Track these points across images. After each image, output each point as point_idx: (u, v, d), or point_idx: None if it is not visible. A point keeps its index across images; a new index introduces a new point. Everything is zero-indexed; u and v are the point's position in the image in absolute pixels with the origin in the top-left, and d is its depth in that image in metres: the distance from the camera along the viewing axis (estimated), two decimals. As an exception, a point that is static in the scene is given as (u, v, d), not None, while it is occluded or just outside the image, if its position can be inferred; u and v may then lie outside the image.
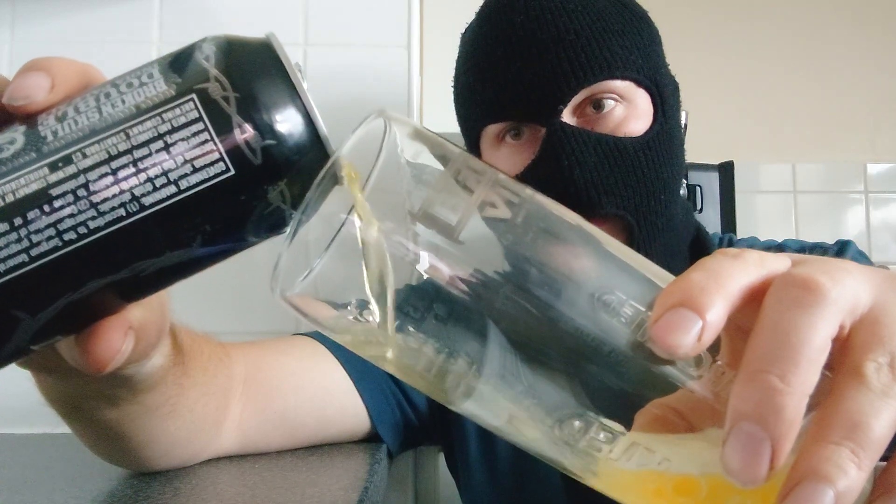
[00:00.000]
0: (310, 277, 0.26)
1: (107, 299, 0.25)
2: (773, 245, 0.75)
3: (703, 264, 0.24)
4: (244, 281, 0.80)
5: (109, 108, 0.24)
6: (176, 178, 0.24)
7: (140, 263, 0.24)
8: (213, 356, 0.54)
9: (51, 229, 0.23)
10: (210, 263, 0.27)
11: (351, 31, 0.87)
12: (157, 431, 0.48)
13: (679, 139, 0.69)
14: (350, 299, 0.26)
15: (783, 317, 0.22)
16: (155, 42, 0.85)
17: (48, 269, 0.23)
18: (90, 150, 0.24)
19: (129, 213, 0.24)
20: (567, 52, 0.61)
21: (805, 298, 0.22)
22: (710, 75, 1.57)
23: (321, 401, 0.62)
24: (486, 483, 0.71)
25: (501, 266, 0.25)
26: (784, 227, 1.67)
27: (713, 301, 0.23)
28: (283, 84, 0.25)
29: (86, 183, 0.23)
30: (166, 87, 0.24)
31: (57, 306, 0.24)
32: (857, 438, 0.21)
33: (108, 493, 0.49)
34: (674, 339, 0.22)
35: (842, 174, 1.70)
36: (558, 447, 0.25)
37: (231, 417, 0.57)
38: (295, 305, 0.26)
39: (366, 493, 0.48)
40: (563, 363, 0.25)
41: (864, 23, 1.73)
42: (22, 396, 0.42)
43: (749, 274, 0.24)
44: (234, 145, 0.24)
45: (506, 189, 0.26)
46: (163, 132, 0.24)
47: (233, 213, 0.25)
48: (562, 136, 0.61)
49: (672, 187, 0.67)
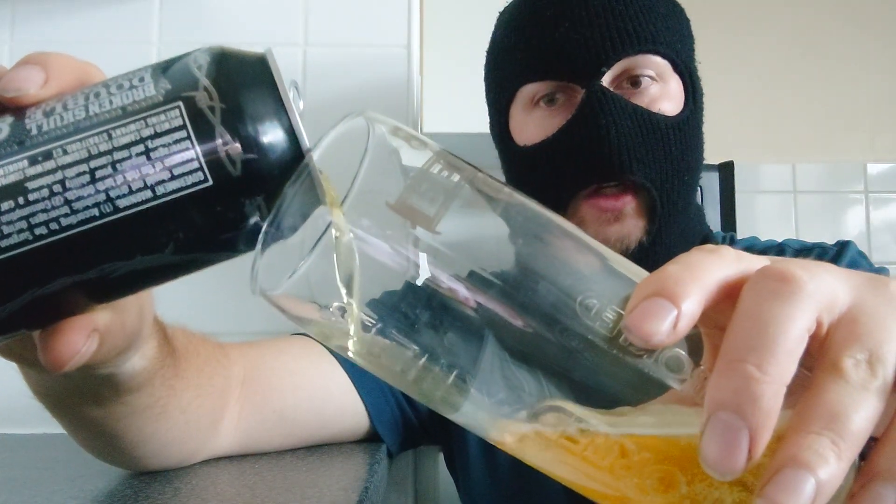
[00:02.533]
0: (296, 276, 0.26)
1: (73, 298, 0.25)
2: (773, 245, 0.76)
3: (679, 258, 0.24)
4: (243, 281, 0.80)
5: (97, 107, 0.24)
6: (153, 184, 0.24)
7: (109, 265, 0.24)
8: (211, 357, 0.54)
9: (22, 222, 0.23)
10: (182, 272, 0.26)
11: (351, 31, 0.87)
12: (147, 432, 0.48)
13: (702, 135, 0.71)
14: (334, 299, 0.26)
15: (760, 307, 0.22)
16: (155, 42, 0.85)
17: (16, 261, 0.23)
18: (71, 147, 0.24)
19: (103, 214, 0.23)
20: (616, 21, 0.64)
21: (782, 290, 0.22)
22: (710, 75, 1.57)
23: (320, 400, 0.62)
24: (486, 483, 0.71)
25: (479, 263, 0.25)
26: (784, 227, 1.67)
27: (688, 290, 0.23)
28: (271, 99, 0.25)
29: (63, 179, 0.23)
30: (155, 93, 0.24)
31: (22, 300, 0.24)
32: (838, 429, 0.21)
33: (108, 493, 0.49)
34: (649, 327, 0.22)
35: (842, 174, 1.70)
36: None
37: (228, 417, 0.57)
38: (278, 303, 0.26)
39: (366, 493, 0.48)
40: (541, 363, 0.25)
41: (864, 23, 1.73)
42: (22, 396, 0.42)
43: (725, 268, 0.24)
44: (214, 156, 0.24)
45: (485, 185, 0.26)
46: (145, 136, 0.24)
47: (207, 224, 0.25)
48: (601, 98, 0.63)
49: (693, 175, 0.69)
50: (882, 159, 1.70)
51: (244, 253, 0.27)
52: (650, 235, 0.65)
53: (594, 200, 0.65)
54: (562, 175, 0.65)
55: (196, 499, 0.47)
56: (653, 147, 0.64)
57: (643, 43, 0.64)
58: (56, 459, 0.61)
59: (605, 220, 0.64)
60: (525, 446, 0.26)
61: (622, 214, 0.64)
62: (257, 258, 0.25)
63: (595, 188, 0.64)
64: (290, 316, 0.27)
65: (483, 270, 0.25)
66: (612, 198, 0.64)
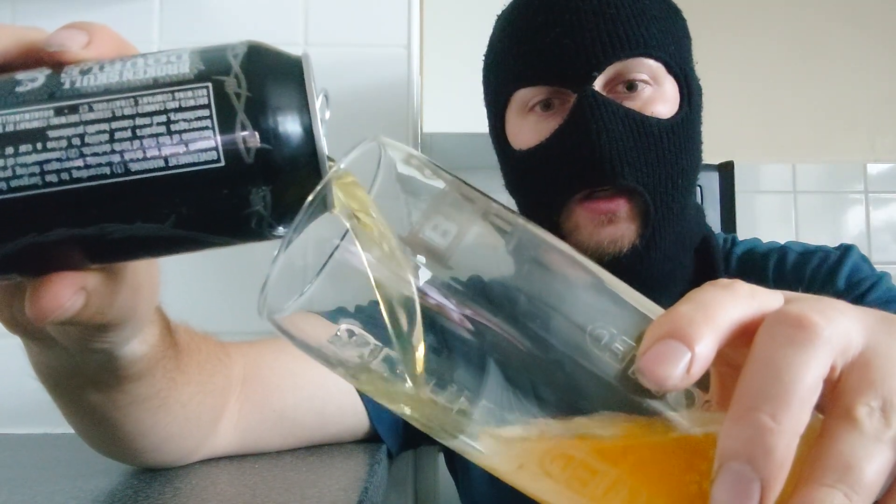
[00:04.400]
0: (302, 300, 0.26)
1: (69, 252, 0.26)
2: (775, 248, 0.75)
3: (692, 296, 0.24)
4: (244, 281, 0.80)
5: (130, 74, 0.25)
6: (167, 154, 0.25)
7: (109, 225, 0.25)
8: (212, 355, 0.54)
9: (36, 167, 0.24)
10: (176, 248, 0.27)
11: (351, 31, 0.87)
12: (147, 424, 0.48)
13: (699, 136, 0.71)
14: (340, 323, 0.26)
15: (775, 354, 0.22)
16: (155, 42, 0.85)
17: (22, 203, 0.24)
18: (97, 105, 0.25)
19: (113, 174, 0.24)
20: (607, 25, 0.64)
21: (798, 336, 0.22)
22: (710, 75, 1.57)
23: (320, 400, 0.62)
24: (486, 483, 0.71)
25: (491, 296, 0.25)
26: (784, 227, 1.67)
27: (702, 333, 0.22)
28: (297, 98, 0.26)
29: (83, 134, 0.24)
30: (188, 71, 0.25)
31: (20, 242, 0.25)
32: (851, 482, 0.21)
33: (109, 493, 0.49)
34: (662, 371, 0.22)
35: (842, 174, 1.69)
36: None
37: (228, 416, 0.57)
38: (283, 328, 0.27)
39: (365, 493, 0.48)
40: (552, 395, 0.25)
41: (864, 23, 1.73)
42: (22, 396, 0.43)
43: (740, 307, 0.23)
44: (231, 139, 0.25)
45: (498, 217, 0.26)
46: (170, 108, 0.25)
47: (211, 204, 0.25)
48: (592, 103, 0.63)
49: (689, 177, 0.68)
50: (882, 159, 1.70)
51: (239, 242, 0.27)
52: (644, 239, 0.65)
53: (588, 204, 0.65)
54: (555, 180, 0.65)
55: (196, 499, 0.47)
56: (645, 151, 0.64)
57: (634, 47, 0.64)
58: (56, 459, 0.61)
59: (598, 222, 0.64)
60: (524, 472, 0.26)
61: (616, 217, 0.64)
62: (271, 273, 0.25)
63: (588, 192, 0.65)
64: (298, 342, 0.27)
65: (492, 302, 0.24)
66: (605, 200, 0.64)
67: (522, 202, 0.72)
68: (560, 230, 0.66)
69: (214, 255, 0.73)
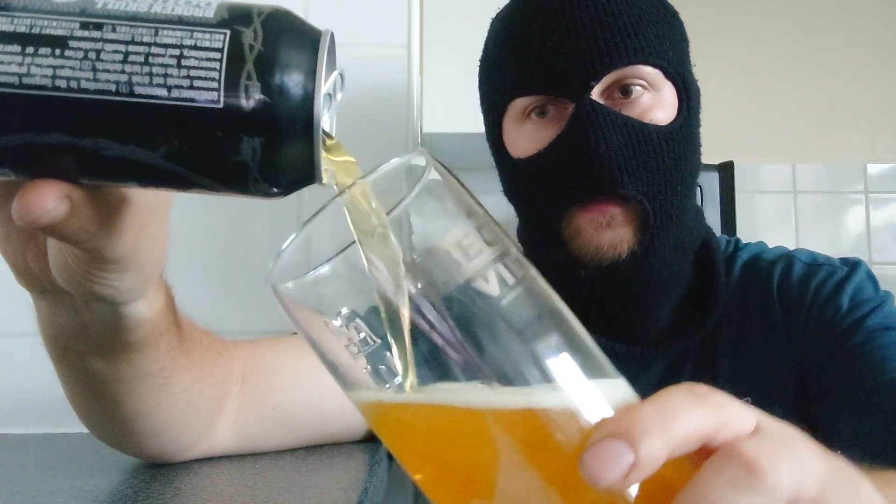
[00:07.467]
0: (308, 278, 0.27)
1: (61, 160, 0.27)
2: (781, 256, 0.75)
3: (658, 397, 0.24)
4: (244, 281, 0.80)
5: (159, 8, 0.27)
6: (172, 85, 0.26)
7: (104, 141, 0.27)
8: (212, 348, 0.54)
9: (49, 70, 0.26)
10: (163, 182, 0.28)
11: (351, 31, 0.87)
12: (149, 403, 0.48)
13: (698, 139, 0.71)
14: (340, 310, 0.27)
15: (714, 491, 0.22)
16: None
17: (28, 100, 0.26)
18: (120, 28, 0.26)
19: (118, 93, 0.26)
20: (604, 33, 0.64)
21: (742, 481, 0.22)
22: (710, 75, 1.57)
23: (320, 398, 0.62)
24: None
25: (468, 342, 0.25)
26: (784, 227, 1.67)
27: (652, 440, 0.22)
28: (306, 63, 0.27)
29: (99, 50, 0.26)
30: (212, 17, 0.27)
31: (18, 139, 0.26)
32: None
33: (109, 493, 0.49)
34: (600, 470, 0.22)
35: (842, 174, 1.70)
36: None
37: (227, 413, 0.57)
38: (284, 300, 0.28)
39: (365, 493, 0.48)
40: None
41: (864, 24, 1.73)
42: (22, 396, 0.42)
43: (703, 416, 0.23)
44: (234, 84, 0.26)
45: (506, 268, 0.26)
46: (185, 45, 0.26)
47: (202, 142, 0.27)
48: (590, 112, 0.63)
49: (688, 182, 0.68)
50: (882, 159, 1.70)
51: (222, 190, 0.28)
52: (643, 245, 0.65)
53: (588, 208, 0.65)
54: (555, 189, 0.65)
55: (196, 499, 0.47)
56: (644, 159, 0.64)
57: (632, 55, 0.64)
58: (56, 459, 0.61)
59: (598, 225, 0.65)
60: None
61: (615, 222, 0.65)
62: (286, 246, 0.26)
63: (588, 199, 0.65)
64: (290, 313, 0.28)
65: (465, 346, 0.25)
66: (605, 204, 0.65)
67: (521, 209, 0.72)
68: (560, 236, 0.66)
69: (214, 255, 0.74)
